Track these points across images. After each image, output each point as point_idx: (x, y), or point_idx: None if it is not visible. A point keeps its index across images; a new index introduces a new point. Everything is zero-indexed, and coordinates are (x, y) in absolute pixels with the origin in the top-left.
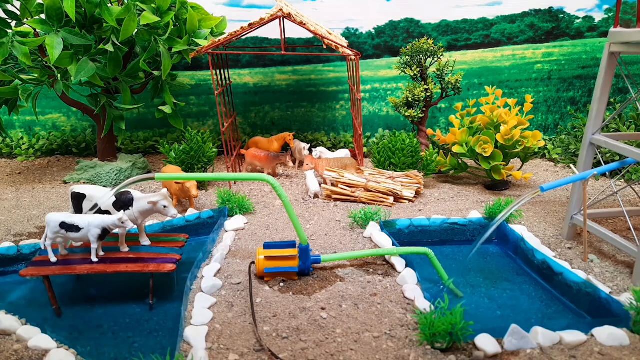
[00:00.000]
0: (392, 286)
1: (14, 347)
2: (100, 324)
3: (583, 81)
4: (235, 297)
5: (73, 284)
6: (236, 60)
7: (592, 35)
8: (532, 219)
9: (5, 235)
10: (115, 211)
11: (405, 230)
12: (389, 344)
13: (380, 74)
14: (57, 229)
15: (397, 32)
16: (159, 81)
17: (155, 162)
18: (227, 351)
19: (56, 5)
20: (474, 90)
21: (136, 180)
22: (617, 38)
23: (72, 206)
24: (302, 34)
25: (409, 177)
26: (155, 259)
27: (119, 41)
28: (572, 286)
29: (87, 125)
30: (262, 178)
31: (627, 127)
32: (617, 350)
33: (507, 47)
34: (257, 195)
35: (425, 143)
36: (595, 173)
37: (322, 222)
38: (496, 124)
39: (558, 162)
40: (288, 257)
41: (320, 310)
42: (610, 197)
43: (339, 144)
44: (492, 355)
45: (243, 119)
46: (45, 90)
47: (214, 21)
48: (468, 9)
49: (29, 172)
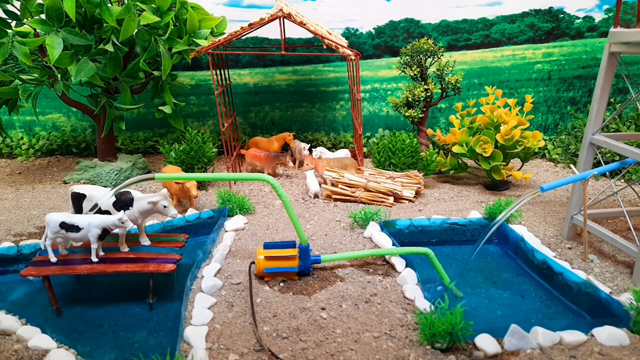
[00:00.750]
0: (392, 286)
1: (14, 347)
2: (100, 323)
3: (583, 81)
4: (235, 297)
5: (73, 284)
6: (236, 60)
7: (592, 35)
8: (532, 219)
9: (5, 235)
10: (115, 211)
11: (405, 230)
12: (389, 344)
13: (380, 74)
14: (57, 229)
15: (397, 32)
16: (159, 81)
17: (155, 162)
18: (227, 351)
19: (56, 5)
20: (474, 90)
21: (136, 180)
22: (617, 38)
23: (72, 206)
24: (302, 34)
25: (409, 177)
26: (155, 259)
27: (119, 41)
28: (572, 286)
29: (87, 125)
30: (262, 178)
31: (627, 127)
32: (617, 350)
33: (507, 47)
34: (257, 195)
35: (425, 143)
36: (595, 173)
37: (322, 222)
38: (496, 124)
39: (558, 162)
40: (288, 257)
41: (320, 310)
42: (610, 197)
43: (339, 144)
44: (492, 355)
45: (243, 119)
46: (45, 90)
47: (214, 21)
48: (468, 9)
49: (29, 172)
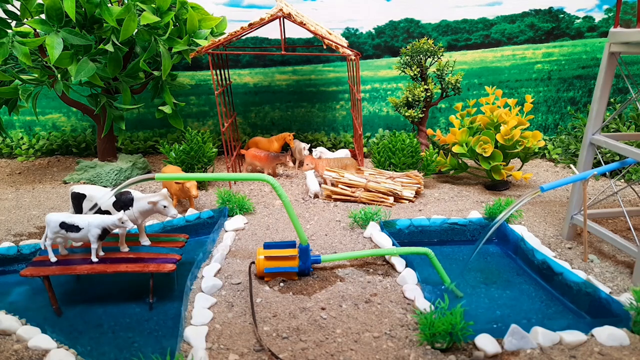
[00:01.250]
0: (392, 286)
1: (14, 347)
2: (100, 323)
3: (583, 81)
4: (235, 297)
5: (73, 284)
6: (236, 60)
7: (592, 35)
8: (532, 219)
9: (5, 235)
10: (115, 211)
11: (405, 230)
12: (389, 344)
13: (380, 74)
14: (57, 229)
15: (397, 32)
16: (159, 81)
17: (155, 162)
18: (227, 351)
19: (56, 5)
20: (474, 90)
21: (136, 180)
22: (617, 38)
23: (72, 206)
24: (302, 34)
25: (409, 177)
26: (155, 259)
27: (119, 41)
28: (572, 286)
29: (87, 125)
30: (262, 178)
31: (627, 127)
32: (617, 350)
33: (507, 47)
34: (257, 195)
35: (425, 143)
36: (595, 173)
37: (322, 222)
38: (496, 124)
39: (558, 162)
40: (288, 257)
41: (320, 310)
42: (610, 197)
43: (339, 144)
44: (492, 355)
45: (243, 119)
46: (45, 90)
47: (214, 21)
48: (468, 9)
49: (29, 172)
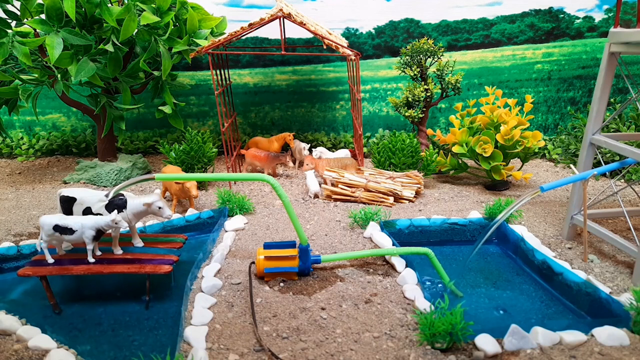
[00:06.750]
0: (392, 286)
1: (14, 347)
2: (100, 322)
3: (583, 81)
4: (235, 297)
5: (72, 283)
6: (236, 60)
7: (592, 35)
8: (532, 219)
9: (5, 235)
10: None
11: (405, 230)
12: (389, 344)
13: (380, 74)
14: (51, 232)
15: (397, 32)
16: (159, 81)
17: (155, 162)
18: (227, 351)
19: (56, 5)
20: (474, 90)
21: (136, 180)
22: (617, 38)
23: (62, 210)
24: (302, 34)
25: (409, 177)
26: (152, 260)
27: (119, 41)
28: (572, 286)
29: (87, 125)
30: (262, 178)
31: (627, 127)
32: (617, 350)
33: (507, 47)
34: (257, 195)
35: (425, 143)
36: (595, 173)
37: (322, 222)
38: (496, 124)
39: (558, 162)
40: (288, 257)
41: (320, 310)
42: (610, 197)
43: (339, 144)
44: (492, 355)
45: (243, 119)
46: (45, 90)
47: (214, 21)
48: (468, 9)
49: (29, 172)
